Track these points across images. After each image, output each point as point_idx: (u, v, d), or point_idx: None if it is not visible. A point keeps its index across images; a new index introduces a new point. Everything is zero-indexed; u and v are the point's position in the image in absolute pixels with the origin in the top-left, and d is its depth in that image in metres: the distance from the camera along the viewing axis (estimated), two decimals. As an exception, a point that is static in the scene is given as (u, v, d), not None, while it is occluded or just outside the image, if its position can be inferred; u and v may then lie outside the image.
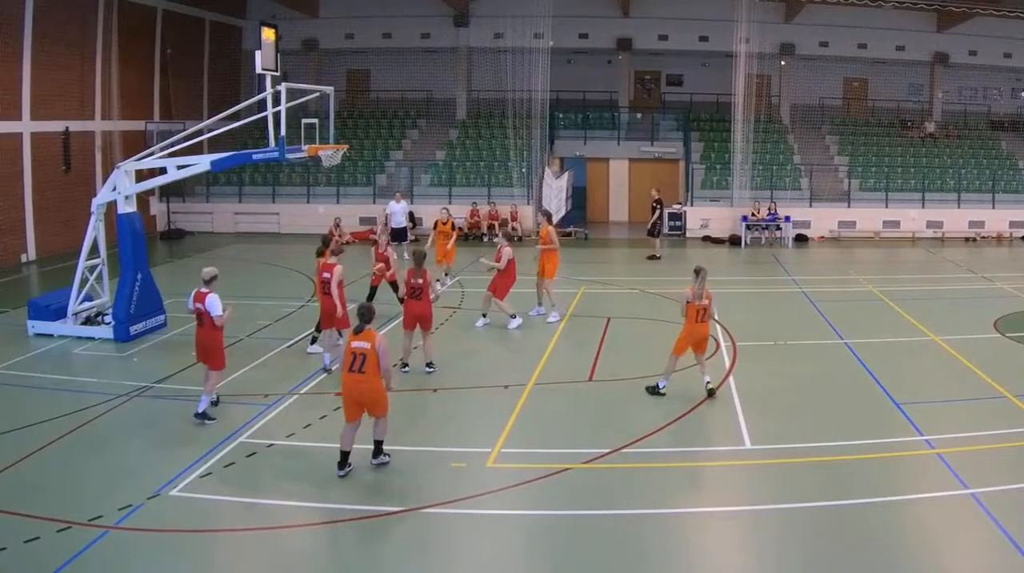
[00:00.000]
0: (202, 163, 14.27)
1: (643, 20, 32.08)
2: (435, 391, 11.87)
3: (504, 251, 15.14)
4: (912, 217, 28.34)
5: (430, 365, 12.56)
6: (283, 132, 13.28)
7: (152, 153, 15.15)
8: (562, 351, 14.03)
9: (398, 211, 23.42)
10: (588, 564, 7.40)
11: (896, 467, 9.35)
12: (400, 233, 23.12)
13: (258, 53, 13.55)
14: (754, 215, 27.22)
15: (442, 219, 18.79)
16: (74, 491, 8.61)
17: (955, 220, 28.26)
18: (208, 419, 10.44)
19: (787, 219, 27.27)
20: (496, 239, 17.94)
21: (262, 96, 13.91)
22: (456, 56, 32.96)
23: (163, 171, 14.58)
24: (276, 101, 13.45)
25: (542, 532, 8.14)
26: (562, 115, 32.04)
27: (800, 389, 12.00)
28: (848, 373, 12.80)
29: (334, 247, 13.09)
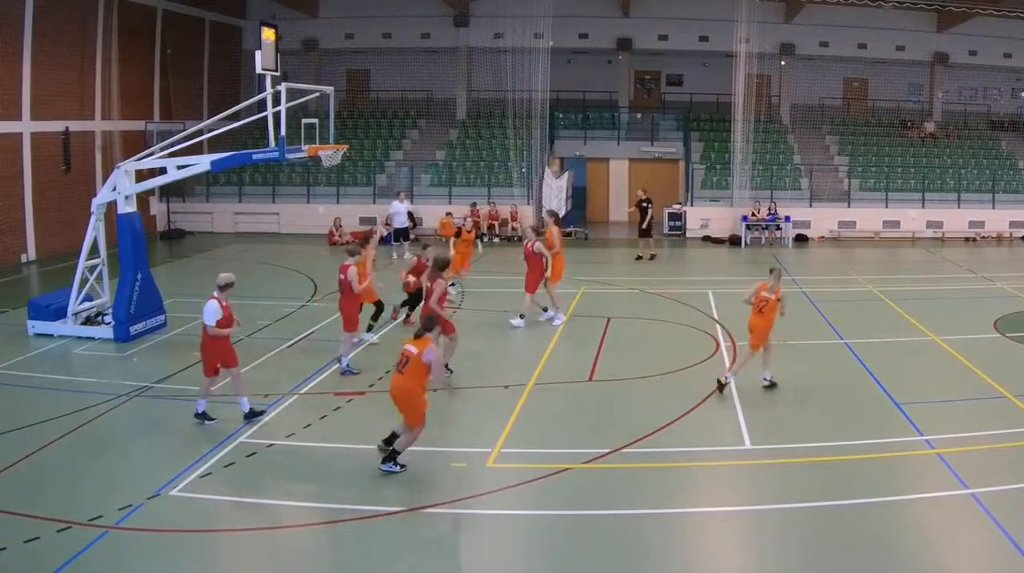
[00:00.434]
0: (202, 163, 14.27)
1: (643, 20, 32.04)
2: (435, 391, 11.84)
3: (536, 245, 15.34)
4: (912, 217, 28.32)
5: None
6: (283, 132, 13.28)
7: (152, 153, 15.15)
8: (562, 351, 14.04)
9: (401, 211, 23.46)
10: (588, 564, 7.41)
11: (896, 467, 9.35)
12: (402, 233, 23.24)
13: (258, 53, 13.55)
14: (754, 215, 27.19)
15: (466, 228, 18.77)
16: (74, 491, 8.61)
17: (955, 220, 28.23)
18: (208, 419, 10.44)
19: (787, 219, 27.23)
20: (522, 235, 17.68)
21: (262, 96, 13.91)
22: (456, 56, 32.93)
23: (163, 171, 14.59)
24: (276, 101, 13.45)
25: (542, 532, 8.14)
26: (562, 115, 32.01)
27: (800, 389, 12.00)
28: (848, 373, 12.80)
29: (350, 247, 13.28)
